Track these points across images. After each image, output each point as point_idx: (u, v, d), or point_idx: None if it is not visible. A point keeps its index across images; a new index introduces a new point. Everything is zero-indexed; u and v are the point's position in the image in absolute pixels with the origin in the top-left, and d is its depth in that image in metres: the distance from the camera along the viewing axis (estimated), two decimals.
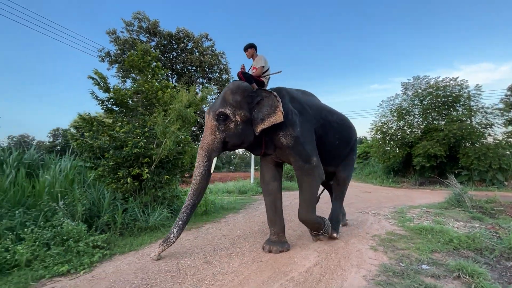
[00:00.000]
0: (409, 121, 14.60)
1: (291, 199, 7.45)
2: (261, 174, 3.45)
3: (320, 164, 3.14)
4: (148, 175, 4.48)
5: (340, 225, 4.10)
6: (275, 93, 2.95)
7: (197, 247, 3.32)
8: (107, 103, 5.18)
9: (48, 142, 41.09)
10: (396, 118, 14.83)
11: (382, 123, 15.33)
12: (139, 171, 4.48)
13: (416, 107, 14.55)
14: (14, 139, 37.55)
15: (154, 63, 5.81)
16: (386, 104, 15.57)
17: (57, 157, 6.03)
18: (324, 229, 3.30)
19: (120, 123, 5.17)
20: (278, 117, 2.82)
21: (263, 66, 3.38)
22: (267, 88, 3.48)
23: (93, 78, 5.27)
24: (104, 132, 4.71)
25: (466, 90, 13.16)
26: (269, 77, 3.52)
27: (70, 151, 5.90)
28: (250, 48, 3.54)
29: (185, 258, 2.90)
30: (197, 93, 6.26)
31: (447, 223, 4.44)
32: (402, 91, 15.38)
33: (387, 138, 14.90)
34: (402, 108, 14.66)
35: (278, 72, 3.57)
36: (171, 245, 2.85)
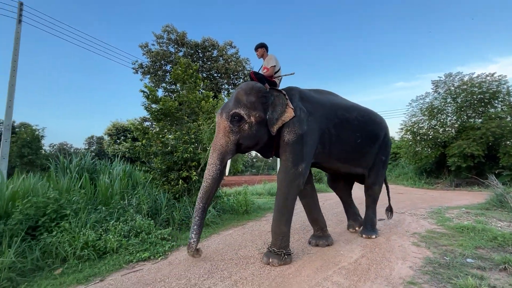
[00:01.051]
0: (442, 120, 14.08)
1: (322, 200, 7.64)
2: None
3: (306, 173, 2.95)
4: (196, 177, 4.97)
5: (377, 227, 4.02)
6: (283, 91, 2.98)
7: (248, 240, 3.69)
8: (156, 113, 5.78)
9: (84, 149, 44.33)
10: (427, 117, 14.37)
11: (412, 123, 14.92)
12: (188, 174, 4.98)
13: (449, 105, 14.01)
14: (55, 147, 40.81)
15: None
16: (416, 104, 15.16)
17: (99, 162, 6.68)
18: (284, 252, 2.78)
19: (166, 131, 5.76)
20: (289, 114, 2.83)
21: (275, 66, 3.29)
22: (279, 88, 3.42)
23: (144, 92, 5.93)
24: (158, 139, 5.29)
25: (504, 86, 12.47)
26: (281, 78, 3.45)
27: (106, 157, 6.56)
28: (261, 48, 3.44)
29: (242, 250, 3.28)
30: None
31: (489, 222, 4.43)
32: (433, 89, 14.89)
33: (418, 138, 14.46)
34: (434, 106, 14.18)
35: (291, 74, 3.54)
36: (194, 250, 2.71)
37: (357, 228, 4.09)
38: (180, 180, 4.89)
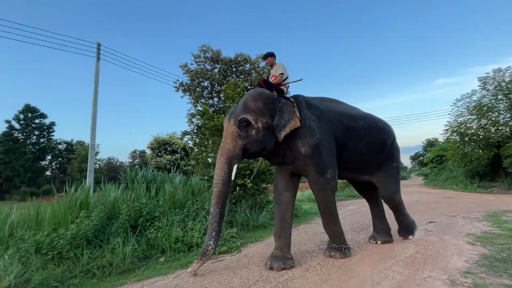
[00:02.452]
0: (493, 119, 13.13)
1: (357, 205, 7.75)
2: (274, 183, 3.35)
3: (336, 176, 3.06)
4: (250, 184, 5.57)
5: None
6: (291, 99, 3.03)
7: (305, 239, 4.14)
8: (211, 128, 6.57)
9: (129, 162, 48.34)
10: (476, 117, 13.51)
11: (458, 123, 14.12)
12: (242, 181, 5.61)
13: (501, 102, 13.04)
14: (104, 161, 44.92)
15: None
16: (462, 103, 14.34)
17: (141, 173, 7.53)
18: (343, 247, 3.13)
19: None
20: (295, 123, 2.87)
21: (283, 74, 3.39)
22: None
23: (199, 111, 6.79)
24: (215, 151, 6.04)
25: None
26: (288, 85, 3.52)
27: (149, 168, 7.28)
28: (270, 57, 3.62)
29: (302, 246, 3.75)
30: None
31: None
32: (480, 86, 13.99)
33: (466, 139, 13.62)
34: (483, 104, 13.31)
35: (299, 80, 3.64)
36: (210, 258, 2.76)
37: (378, 242, 3.73)
38: (237, 187, 5.53)
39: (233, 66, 23.86)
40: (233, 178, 2.93)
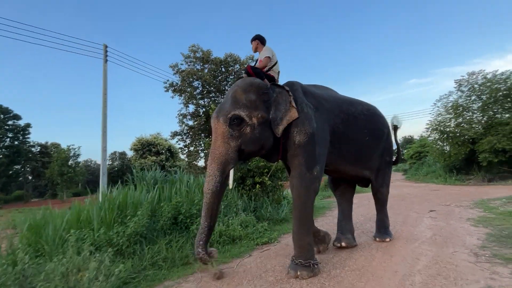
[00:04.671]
0: (468, 118, 14.48)
1: (357, 199, 8.40)
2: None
3: (321, 176, 2.78)
4: (269, 182, 5.94)
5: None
6: (286, 88, 2.68)
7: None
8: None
9: (108, 165, 46.68)
10: (453, 116, 14.81)
11: (438, 121, 15.38)
12: (260, 179, 5.96)
13: (474, 102, 14.42)
14: (80, 164, 43.06)
15: None
16: (440, 103, 15.63)
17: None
18: (311, 262, 2.59)
19: None
20: (292, 114, 2.54)
21: (269, 57, 2.94)
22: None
23: (206, 112, 7.01)
24: None
25: None
26: (279, 71, 3.12)
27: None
28: (254, 41, 3.11)
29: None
30: None
31: None
32: (456, 87, 15.35)
33: (445, 136, 14.89)
34: (459, 105, 14.63)
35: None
36: (209, 261, 2.53)
37: (343, 244, 3.41)
38: (257, 185, 5.87)
39: (222, 66, 24.02)
40: (231, 186, 2.63)
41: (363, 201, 7.81)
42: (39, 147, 37.47)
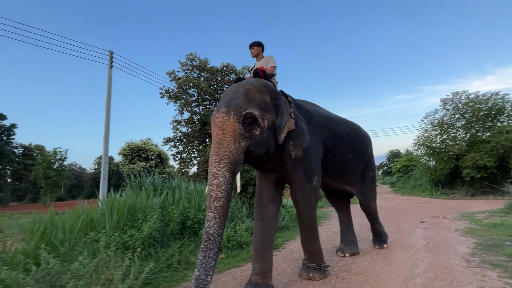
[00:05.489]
0: (452, 135, 15.32)
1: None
2: (258, 194, 2.83)
3: (319, 184, 2.85)
4: None
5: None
6: (289, 98, 2.68)
7: (329, 238, 4.82)
8: None
9: (94, 169, 45.53)
10: (438, 132, 15.62)
11: (425, 137, 16.16)
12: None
13: (458, 120, 15.31)
14: (66, 167, 41.87)
15: None
16: (427, 119, 16.48)
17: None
18: (322, 265, 2.79)
19: None
20: (291, 125, 2.52)
21: (275, 67, 3.00)
22: None
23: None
24: None
25: (509, 103, 13.82)
26: (277, 82, 3.09)
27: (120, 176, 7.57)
28: (257, 46, 3.12)
29: (330, 243, 4.41)
30: None
31: None
32: (441, 106, 16.26)
33: (431, 151, 15.64)
34: (444, 122, 15.48)
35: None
36: None
37: (347, 255, 3.61)
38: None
39: (218, 75, 24.37)
40: (238, 190, 2.48)
41: (356, 212, 8.13)
42: (22, 149, 36.23)
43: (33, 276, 2.26)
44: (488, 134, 14.12)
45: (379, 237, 4.00)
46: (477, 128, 14.67)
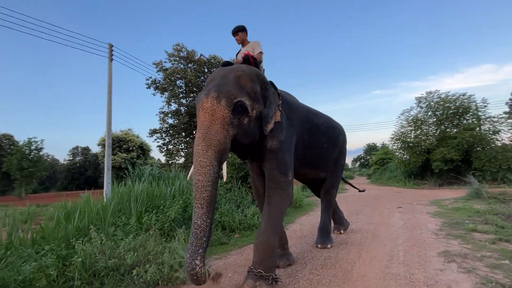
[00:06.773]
0: (425, 130, 16.82)
1: (344, 199, 9.64)
2: (252, 183, 3.01)
3: (292, 181, 2.76)
4: None
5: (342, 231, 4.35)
6: (278, 91, 2.65)
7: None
8: None
9: (68, 160, 43.70)
10: (413, 128, 17.05)
11: (401, 132, 17.56)
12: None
13: (430, 117, 16.80)
14: (42, 158, 40.02)
15: None
16: (403, 116, 17.86)
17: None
18: (272, 276, 2.34)
19: None
20: (277, 116, 2.50)
21: (262, 53, 2.91)
22: None
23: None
24: None
25: (473, 103, 15.41)
26: (264, 68, 2.97)
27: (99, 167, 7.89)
28: (241, 32, 3.00)
29: None
30: None
31: (472, 206, 6.61)
32: (416, 103, 17.69)
33: (406, 146, 17.08)
34: (418, 119, 16.92)
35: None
36: (204, 281, 1.93)
37: (341, 231, 4.34)
38: None
39: (205, 67, 24.37)
40: (225, 179, 2.40)
41: (341, 200, 9.03)
42: None
43: (100, 249, 2.71)
44: (455, 130, 15.69)
45: (324, 233, 3.70)
46: (446, 125, 16.24)
